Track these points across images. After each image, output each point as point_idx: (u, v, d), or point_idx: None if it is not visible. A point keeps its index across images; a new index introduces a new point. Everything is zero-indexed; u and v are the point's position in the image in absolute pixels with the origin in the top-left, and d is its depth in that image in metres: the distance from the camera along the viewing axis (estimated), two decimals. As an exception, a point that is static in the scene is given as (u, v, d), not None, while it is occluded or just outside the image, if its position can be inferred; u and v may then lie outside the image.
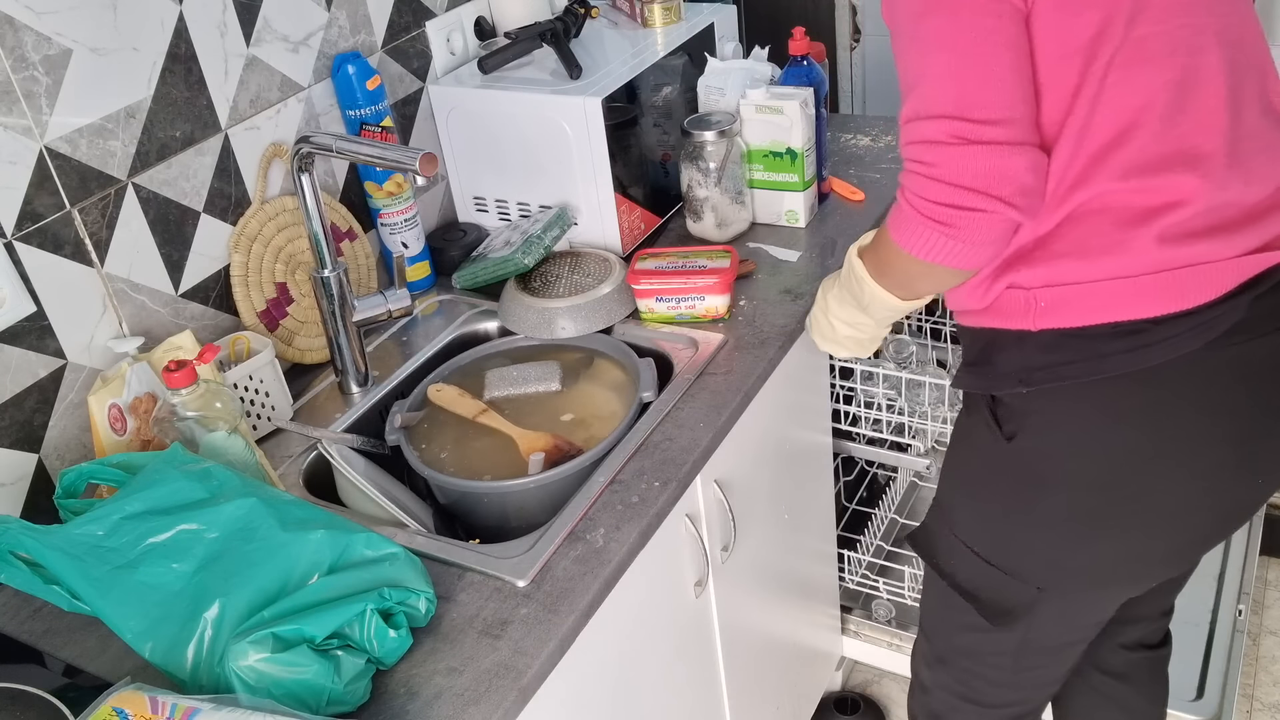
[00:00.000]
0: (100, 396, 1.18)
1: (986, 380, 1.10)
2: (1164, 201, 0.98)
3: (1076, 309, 1.01)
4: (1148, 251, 0.98)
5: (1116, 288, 0.99)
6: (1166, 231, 0.98)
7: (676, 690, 1.36)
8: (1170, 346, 0.99)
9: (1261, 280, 1.01)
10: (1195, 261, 0.98)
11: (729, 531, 1.37)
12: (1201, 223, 0.98)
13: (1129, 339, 1.00)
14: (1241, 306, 0.99)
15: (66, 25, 1.16)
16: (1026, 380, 1.05)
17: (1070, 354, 1.02)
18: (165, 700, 0.87)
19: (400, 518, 1.22)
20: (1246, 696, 1.93)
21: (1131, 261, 0.99)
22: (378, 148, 1.23)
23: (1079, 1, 0.95)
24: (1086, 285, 1.00)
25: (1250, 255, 1.00)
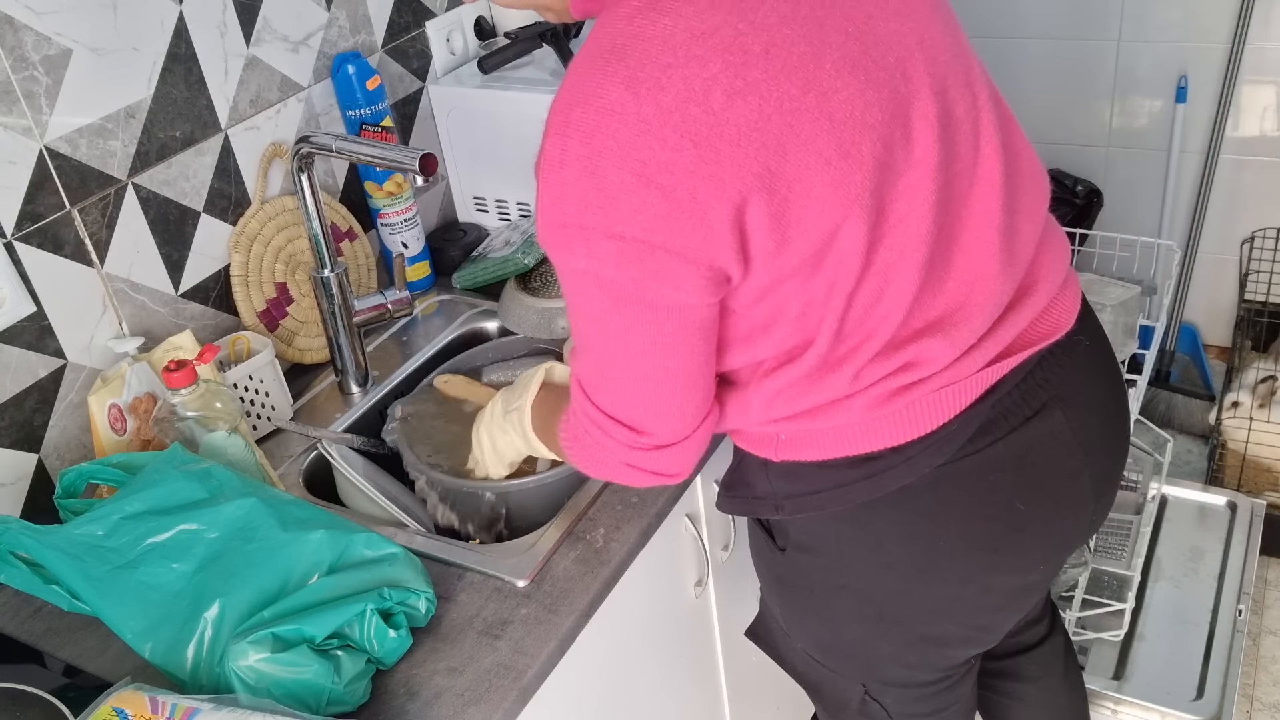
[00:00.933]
0: (100, 396, 1.18)
1: (744, 504, 1.09)
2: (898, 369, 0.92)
3: (813, 446, 0.97)
4: (875, 409, 0.93)
5: (849, 428, 0.95)
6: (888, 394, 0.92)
7: (676, 690, 1.36)
8: (907, 470, 0.96)
9: (1002, 384, 0.95)
10: (930, 392, 0.93)
11: (729, 531, 1.37)
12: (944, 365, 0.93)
13: (864, 466, 0.97)
14: (980, 415, 0.95)
15: (66, 25, 1.16)
16: (780, 508, 1.04)
17: (813, 483, 1.00)
18: (165, 700, 0.87)
19: (400, 518, 1.22)
20: (1246, 696, 1.93)
21: (853, 417, 0.94)
22: (378, 148, 1.23)
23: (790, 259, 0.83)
24: (816, 429, 0.96)
25: (987, 368, 0.94)
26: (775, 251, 0.82)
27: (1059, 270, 1.01)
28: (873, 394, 0.92)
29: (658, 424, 0.91)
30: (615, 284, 0.81)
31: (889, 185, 0.84)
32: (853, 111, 0.81)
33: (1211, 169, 2.31)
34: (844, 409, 0.94)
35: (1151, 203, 2.45)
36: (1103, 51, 2.35)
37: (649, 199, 0.77)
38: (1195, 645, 1.85)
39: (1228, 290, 2.50)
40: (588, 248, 0.79)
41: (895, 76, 0.84)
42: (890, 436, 0.95)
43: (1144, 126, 2.40)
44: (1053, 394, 0.98)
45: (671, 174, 0.76)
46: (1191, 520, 2.09)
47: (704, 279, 0.81)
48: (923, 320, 0.91)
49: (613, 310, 0.83)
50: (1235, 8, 2.16)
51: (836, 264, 0.84)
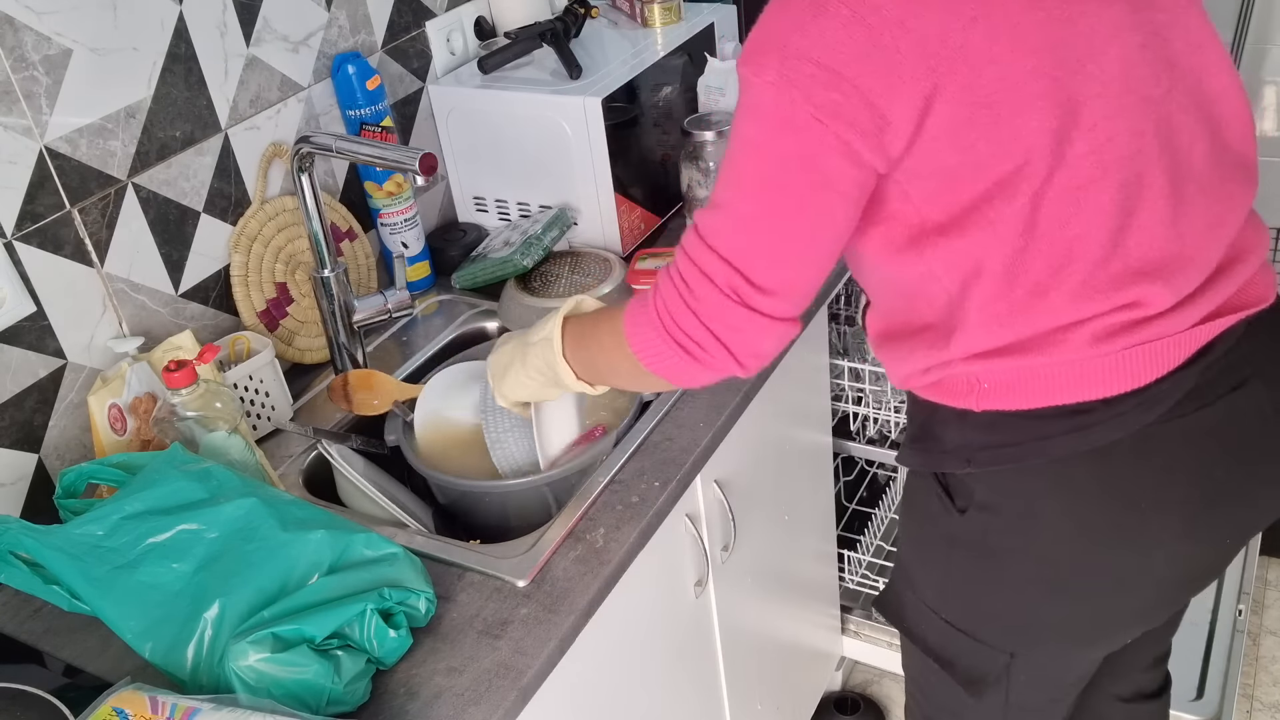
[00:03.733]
0: (100, 396, 1.18)
1: (931, 458, 1.08)
2: (1114, 308, 0.93)
3: (1019, 392, 0.97)
4: (1087, 347, 0.93)
5: (1061, 371, 0.95)
6: (1108, 329, 0.93)
7: (676, 690, 1.36)
8: (1116, 425, 0.95)
9: (1213, 347, 0.96)
10: (1144, 341, 0.93)
11: (729, 531, 1.37)
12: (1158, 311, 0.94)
13: (1073, 419, 0.96)
14: (1191, 377, 0.95)
15: (66, 25, 1.16)
16: (972, 460, 1.02)
17: (1013, 434, 0.98)
18: (165, 700, 0.87)
19: (400, 518, 1.22)
20: (1246, 696, 1.93)
21: (1072, 353, 0.94)
22: (378, 148, 1.23)
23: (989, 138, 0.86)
24: (1028, 371, 0.96)
25: (1201, 325, 0.95)
26: (964, 126, 0.84)
27: (1262, 247, 1.02)
28: (1091, 329, 0.92)
29: (769, 275, 0.90)
30: (793, 108, 0.84)
31: (1091, 99, 0.87)
32: (1080, 28, 0.85)
33: (1211, 169, 2.31)
34: (1065, 343, 0.93)
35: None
36: (1103, 51, 2.35)
37: (856, 35, 0.82)
38: (1195, 645, 1.85)
39: (1228, 290, 2.49)
40: (781, 65, 0.83)
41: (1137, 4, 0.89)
42: (1105, 385, 0.94)
43: (1144, 126, 2.40)
44: (1256, 368, 0.98)
45: (883, 18, 0.81)
46: (1191, 520, 2.09)
47: (875, 128, 0.84)
48: (1139, 260, 0.92)
49: (778, 135, 0.86)
50: (1235, 8, 2.16)
51: (1024, 164, 0.86)
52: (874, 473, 2.17)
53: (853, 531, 1.98)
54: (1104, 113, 0.87)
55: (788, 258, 0.91)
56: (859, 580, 1.94)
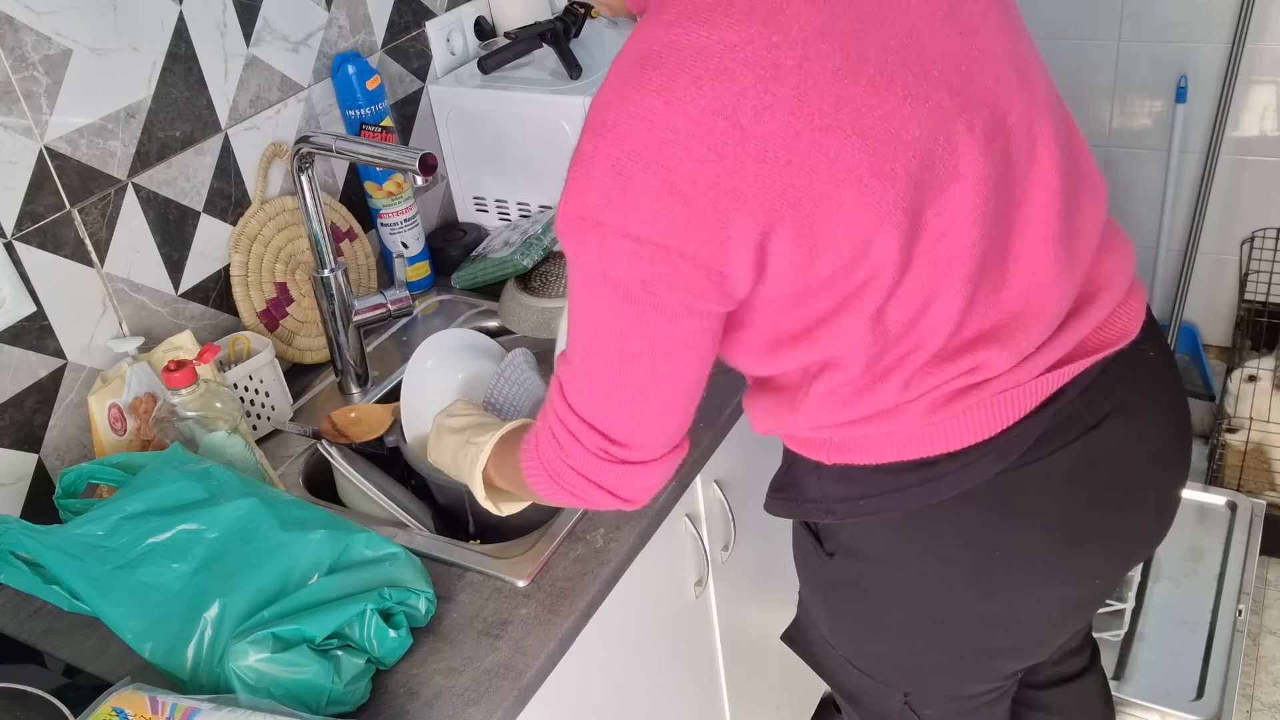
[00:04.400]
0: (100, 396, 1.18)
1: (795, 507, 1.09)
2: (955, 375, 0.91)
3: (866, 450, 0.97)
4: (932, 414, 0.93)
5: (906, 432, 0.94)
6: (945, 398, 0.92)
7: (676, 690, 1.36)
8: (966, 475, 0.94)
9: (1065, 391, 0.94)
10: (989, 396, 0.92)
11: (729, 531, 1.37)
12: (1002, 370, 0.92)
13: (920, 471, 0.95)
14: (1044, 421, 0.93)
15: (66, 25, 1.16)
16: (831, 512, 1.03)
17: (866, 488, 0.99)
18: (165, 700, 0.87)
19: (400, 518, 1.22)
20: (1246, 696, 1.93)
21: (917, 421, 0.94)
22: (378, 148, 1.23)
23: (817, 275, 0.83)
24: (871, 434, 0.96)
25: (1049, 373, 0.93)
26: (803, 265, 0.81)
27: (1123, 277, 0.99)
28: (928, 400, 0.92)
29: (634, 435, 0.90)
30: (623, 283, 0.81)
31: (929, 201, 0.83)
32: (888, 128, 0.80)
33: (1211, 169, 2.31)
34: (899, 416, 0.93)
35: (1151, 202, 2.45)
36: (1103, 51, 2.35)
37: (670, 204, 0.77)
38: (1195, 645, 1.85)
39: (1227, 290, 2.50)
40: (600, 243, 0.79)
41: (938, 90, 0.83)
42: (948, 442, 0.94)
43: (1144, 126, 2.40)
44: (1116, 403, 0.97)
45: (694, 184, 0.77)
46: (1191, 520, 2.09)
47: (714, 286, 0.81)
48: (976, 330, 0.90)
49: (615, 310, 0.83)
50: (1235, 8, 2.16)
51: (870, 278, 0.84)
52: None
53: (852, 531, 1.97)
54: (939, 212, 0.84)
55: (649, 415, 0.89)
56: (859, 580, 1.94)
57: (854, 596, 1.09)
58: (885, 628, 1.09)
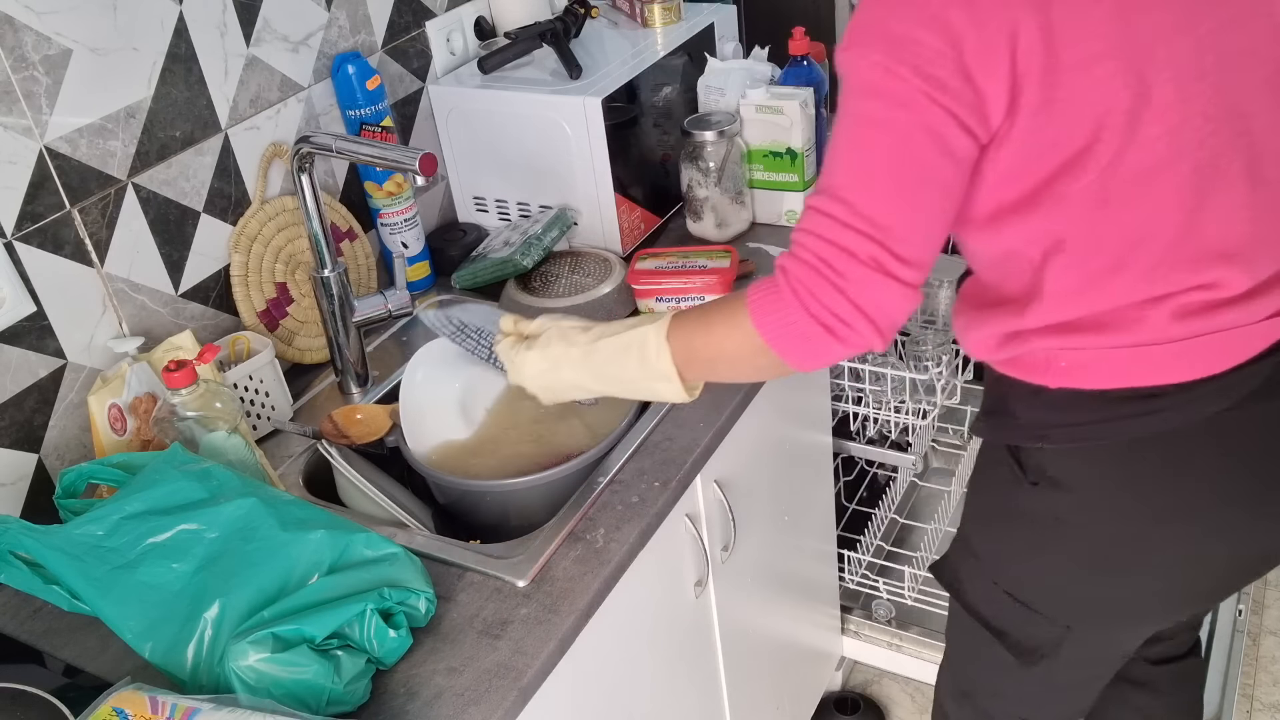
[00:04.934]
0: (100, 396, 1.18)
1: (1006, 432, 1.10)
2: (1189, 288, 0.95)
3: (1094, 373, 0.99)
4: (1165, 327, 0.96)
5: (1136, 355, 0.97)
6: (1185, 309, 0.95)
7: (676, 690, 1.36)
8: (1188, 411, 0.97)
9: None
10: (1218, 329, 0.96)
11: (729, 531, 1.37)
12: (1234, 295, 0.96)
13: (1145, 403, 0.98)
14: (1266, 368, 0.97)
15: (66, 25, 1.16)
16: (1045, 437, 1.05)
17: (1085, 414, 1.01)
18: (165, 700, 0.87)
19: (400, 518, 1.22)
20: (1246, 696, 1.93)
21: (1149, 334, 0.97)
22: (378, 148, 1.23)
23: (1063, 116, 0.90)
24: (1105, 351, 0.98)
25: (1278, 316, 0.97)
26: (1041, 104, 0.88)
27: None
28: (1174, 305, 0.94)
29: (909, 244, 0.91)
30: (904, 84, 0.88)
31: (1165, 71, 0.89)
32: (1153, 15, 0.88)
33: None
34: (1143, 321, 0.96)
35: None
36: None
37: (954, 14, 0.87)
38: (1195, 645, 1.84)
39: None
40: (888, 46, 0.88)
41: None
42: (1179, 371, 0.96)
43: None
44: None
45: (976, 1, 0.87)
46: (1191, 520, 2.09)
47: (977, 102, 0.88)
48: (1216, 240, 0.94)
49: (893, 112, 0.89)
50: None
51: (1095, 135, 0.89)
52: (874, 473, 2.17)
53: (853, 531, 1.98)
54: (1177, 97, 0.89)
55: (923, 226, 0.93)
56: (859, 580, 1.94)
57: (1047, 526, 1.09)
58: (1071, 560, 1.10)
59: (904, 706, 2.00)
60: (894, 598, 1.92)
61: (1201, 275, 0.94)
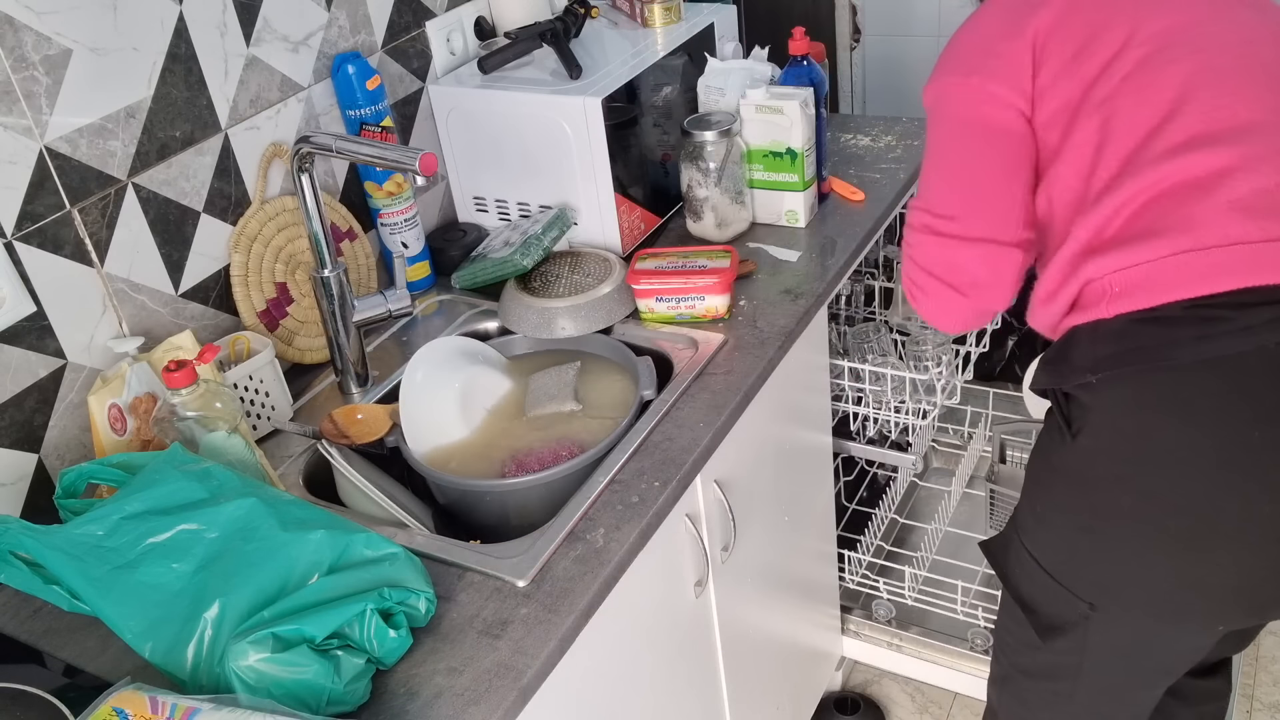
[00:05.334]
0: (100, 396, 1.18)
1: (1058, 375, 1.08)
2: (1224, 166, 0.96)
3: (1149, 289, 0.98)
4: (1220, 222, 0.95)
5: (1189, 261, 0.96)
6: (1238, 202, 0.94)
7: (676, 690, 1.36)
8: (1245, 337, 0.94)
9: None
10: (1274, 237, 0.94)
11: (729, 531, 1.37)
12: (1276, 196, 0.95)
13: (1201, 326, 0.95)
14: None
15: (66, 25, 1.16)
16: (1094, 368, 1.02)
17: (1141, 339, 0.99)
18: (165, 700, 0.87)
19: (400, 518, 1.22)
20: (1246, 696, 1.93)
21: (1204, 234, 0.95)
22: (378, 148, 1.23)
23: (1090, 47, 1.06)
24: (1158, 262, 0.97)
25: None
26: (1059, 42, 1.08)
27: None
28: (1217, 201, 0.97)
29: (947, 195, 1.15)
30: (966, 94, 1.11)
31: None
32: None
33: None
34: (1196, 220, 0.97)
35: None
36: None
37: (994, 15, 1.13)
38: (1195, 645, 1.84)
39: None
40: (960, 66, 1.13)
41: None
42: (1225, 279, 0.95)
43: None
44: None
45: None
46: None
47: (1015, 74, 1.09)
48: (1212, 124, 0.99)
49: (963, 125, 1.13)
50: (1235, 8, 2.15)
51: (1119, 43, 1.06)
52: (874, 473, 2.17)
53: (853, 531, 1.98)
54: None
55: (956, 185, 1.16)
56: (859, 580, 1.94)
57: (1085, 484, 1.07)
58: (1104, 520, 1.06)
59: (904, 706, 2.00)
60: (894, 598, 1.92)
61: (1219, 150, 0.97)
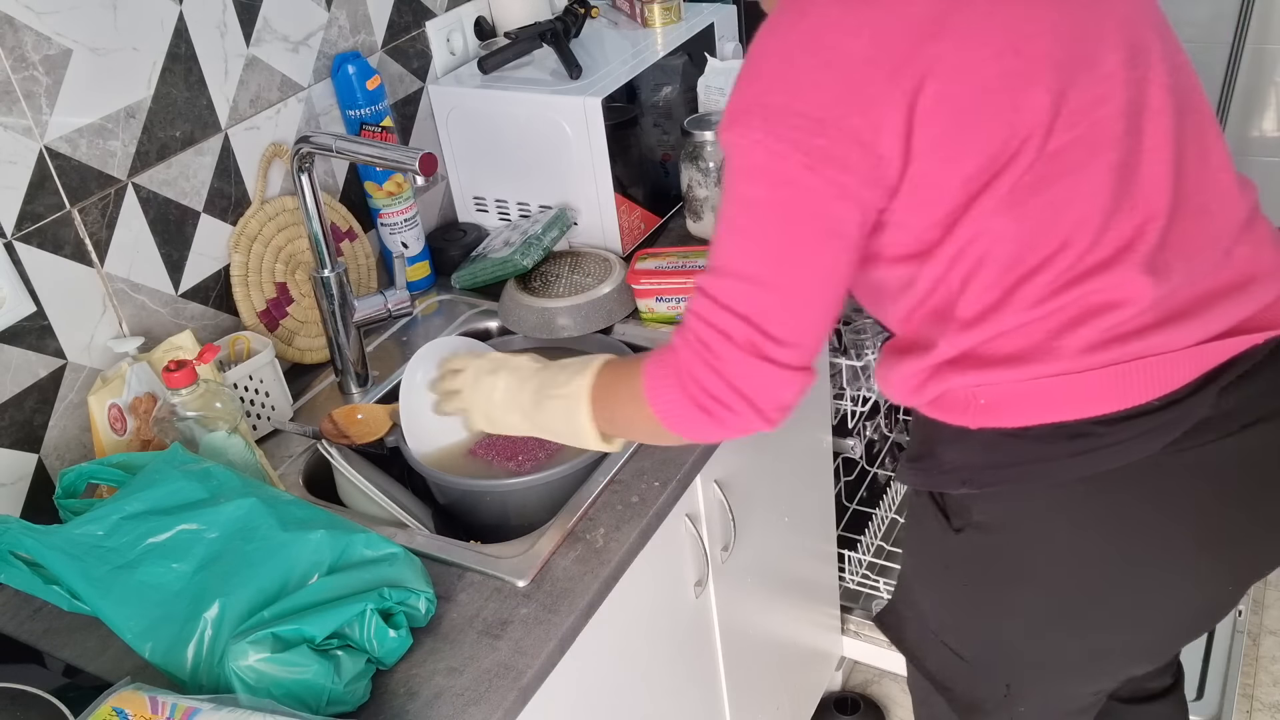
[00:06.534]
0: (100, 396, 1.18)
1: (930, 477, 1.06)
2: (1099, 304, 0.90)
3: (1016, 409, 0.94)
4: (1081, 356, 0.91)
5: (1054, 385, 0.92)
6: (1101, 335, 0.91)
7: (676, 690, 1.36)
8: (1122, 451, 0.92)
9: (1228, 369, 0.92)
10: (1141, 355, 0.90)
11: (729, 531, 1.37)
12: (1147, 318, 0.91)
13: (1076, 442, 0.93)
14: (1205, 403, 0.91)
15: (66, 25, 1.16)
16: (970, 481, 1.00)
17: (1014, 455, 0.96)
18: (165, 700, 0.87)
19: (400, 518, 1.22)
20: (1246, 696, 1.93)
21: (1063, 365, 0.92)
22: (378, 148, 1.23)
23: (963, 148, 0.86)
24: (1022, 384, 0.93)
25: (1211, 342, 0.91)
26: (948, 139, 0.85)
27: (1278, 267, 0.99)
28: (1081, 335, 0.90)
29: (785, 327, 0.90)
30: (785, 163, 0.85)
31: (1072, 87, 0.87)
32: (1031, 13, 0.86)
33: (1212, 169, 2.31)
34: (1051, 352, 0.91)
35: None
36: (1103, 51, 2.35)
37: (828, 79, 0.84)
38: (1195, 645, 1.85)
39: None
40: (765, 123, 0.86)
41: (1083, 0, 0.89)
42: (1102, 401, 0.92)
43: (1144, 126, 2.40)
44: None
45: (850, 58, 0.84)
46: (1191, 520, 2.08)
47: (869, 165, 0.85)
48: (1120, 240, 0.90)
49: (774, 192, 0.87)
50: (1235, 8, 2.16)
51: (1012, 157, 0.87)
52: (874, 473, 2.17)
53: (853, 531, 1.98)
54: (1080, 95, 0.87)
55: (802, 308, 0.91)
56: (859, 580, 1.94)
57: (977, 578, 1.06)
58: (1005, 613, 1.06)
59: (904, 706, 2.00)
60: (894, 598, 1.92)
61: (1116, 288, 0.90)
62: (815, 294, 0.91)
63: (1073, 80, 0.86)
